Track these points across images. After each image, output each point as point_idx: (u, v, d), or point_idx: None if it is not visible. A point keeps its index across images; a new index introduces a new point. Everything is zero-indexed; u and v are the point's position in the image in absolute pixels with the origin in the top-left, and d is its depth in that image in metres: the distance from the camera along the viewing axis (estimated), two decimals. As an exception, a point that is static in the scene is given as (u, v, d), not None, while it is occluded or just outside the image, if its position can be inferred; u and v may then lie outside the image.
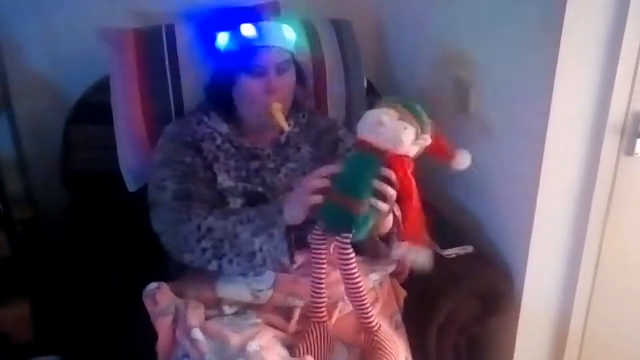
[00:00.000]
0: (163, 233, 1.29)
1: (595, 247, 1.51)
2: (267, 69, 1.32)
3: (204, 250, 1.23)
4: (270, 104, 1.31)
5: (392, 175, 1.08)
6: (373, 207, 1.08)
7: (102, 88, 1.60)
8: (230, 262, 1.23)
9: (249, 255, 1.21)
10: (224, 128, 1.39)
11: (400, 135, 1.07)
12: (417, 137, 1.10)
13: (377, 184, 1.07)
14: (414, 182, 1.10)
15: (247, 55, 1.32)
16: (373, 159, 1.07)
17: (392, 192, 1.08)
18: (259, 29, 1.32)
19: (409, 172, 1.09)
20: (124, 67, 1.56)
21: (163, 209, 1.30)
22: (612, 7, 1.29)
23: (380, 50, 2.03)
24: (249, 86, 1.33)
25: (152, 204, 1.33)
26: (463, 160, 1.18)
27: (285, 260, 1.22)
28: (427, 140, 1.10)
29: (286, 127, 1.33)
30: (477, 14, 1.56)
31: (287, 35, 1.35)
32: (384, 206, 1.09)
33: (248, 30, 1.32)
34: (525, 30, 1.38)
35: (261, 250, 1.20)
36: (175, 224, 1.26)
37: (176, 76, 1.56)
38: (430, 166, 1.83)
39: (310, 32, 1.69)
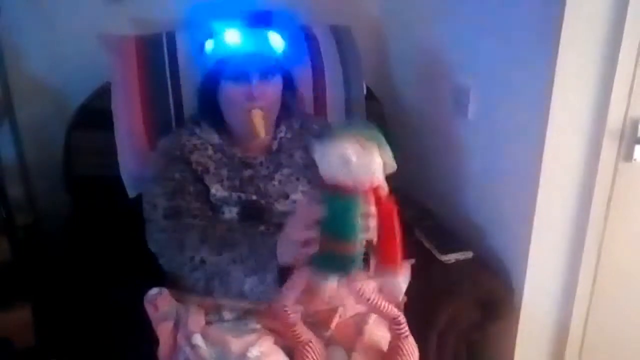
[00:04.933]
0: (158, 255, 1.29)
1: (594, 252, 1.51)
2: (249, 75, 1.32)
3: (197, 280, 1.24)
4: (251, 110, 1.32)
5: (373, 209, 1.08)
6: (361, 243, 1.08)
7: (104, 94, 1.60)
8: (223, 295, 1.25)
9: (239, 293, 1.21)
10: (215, 138, 1.39)
11: (371, 167, 1.04)
12: (385, 162, 1.06)
13: (363, 222, 1.06)
14: (390, 205, 1.10)
15: (229, 60, 1.33)
16: (354, 200, 1.05)
17: (374, 224, 1.08)
18: (242, 35, 1.33)
19: (385, 197, 1.09)
20: (125, 74, 1.57)
21: (155, 227, 1.30)
22: (609, 13, 1.29)
23: (380, 56, 2.04)
24: (231, 92, 1.34)
25: (146, 220, 1.33)
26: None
27: (281, 299, 1.21)
28: (389, 155, 1.07)
29: (262, 134, 1.33)
30: (476, 21, 1.57)
31: (273, 42, 1.36)
32: (368, 238, 1.08)
33: (231, 35, 1.33)
34: (524, 36, 1.39)
35: (252, 291, 1.20)
36: (168, 246, 1.27)
37: (176, 83, 1.57)
38: (431, 172, 1.84)
39: (309, 38, 1.70)
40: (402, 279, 1.18)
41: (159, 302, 1.28)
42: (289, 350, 1.22)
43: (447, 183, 1.78)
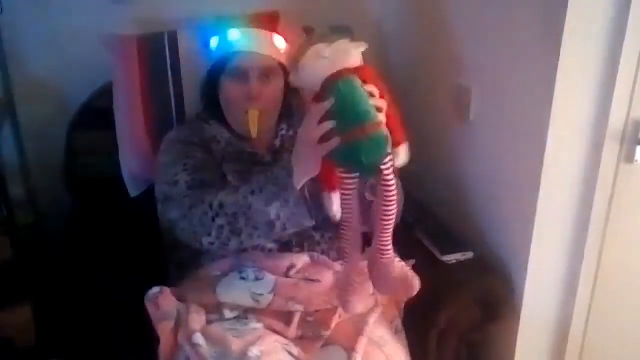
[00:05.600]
0: (178, 220, 1.26)
1: (595, 253, 1.51)
2: (248, 74, 1.33)
3: (221, 227, 1.21)
4: (248, 109, 1.33)
5: (374, 87, 1.06)
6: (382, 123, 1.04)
7: (105, 94, 1.61)
8: (250, 235, 1.21)
9: (266, 225, 1.19)
10: (225, 132, 1.40)
11: (346, 50, 1.05)
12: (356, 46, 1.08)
13: (372, 99, 1.04)
14: (380, 83, 1.09)
15: (231, 59, 1.34)
16: (353, 79, 1.03)
17: (384, 102, 1.06)
18: (243, 35, 1.34)
19: (372, 76, 1.08)
20: (127, 74, 1.57)
21: (177, 198, 1.27)
22: (611, 13, 1.29)
23: (381, 57, 2.04)
24: (230, 90, 1.36)
25: (163, 199, 1.31)
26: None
27: (308, 222, 1.19)
28: (363, 45, 1.08)
29: (255, 135, 1.34)
30: (478, 22, 1.57)
31: (274, 43, 1.37)
32: (383, 117, 1.05)
33: (233, 35, 1.34)
34: (526, 37, 1.39)
35: (278, 217, 1.18)
36: (190, 209, 1.24)
37: (178, 82, 1.57)
38: (432, 172, 1.84)
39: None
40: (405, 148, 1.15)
41: (160, 301, 1.28)
42: (289, 350, 1.22)
43: (448, 183, 1.78)
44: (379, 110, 1.04)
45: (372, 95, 1.04)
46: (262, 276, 1.30)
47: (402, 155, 1.14)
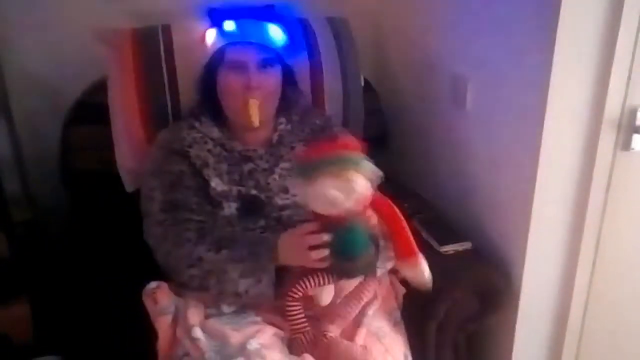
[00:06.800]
0: (154, 249, 1.31)
1: (592, 242, 1.51)
2: (247, 65, 1.33)
3: (192, 276, 1.26)
4: (248, 99, 1.32)
5: (374, 220, 1.17)
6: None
7: (100, 88, 1.60)
8: (217, 294, 1.26)
9: (233, 294, 1.24)
10: (215, 132, 1.39)
11: (357, 193, 1.08)
12: (368, 177, 1.11)
13: (371, 234, 1.15)
14: (389, 206, 1.18)
15: (229, 50, 1.34)
16: (355, 224, 1.12)
17: (381, 235, 1.17)
18: (241, 26, 1.33)
19: (382, 202, 1.17)
20: (121, 67, 1.56)
21: (152, 220, 1.32)
22: (607, 1, 1.29)
23: (377, 48, 2.03)
24: (229, 80, 1.35)
25: (143, 213, 1.35)
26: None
27: (270, 300, 1.24)
28: (377, 172, 1.12)
29: (257, 124, 1.34)
30: (473, 12, 1.56)
31: (272, 34, 1.36)
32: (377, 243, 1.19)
33: (230, 26, 1.34)
34: (522, 26, 1.38)
35: (246, 292, 1.22)
36: (164, 241, 1.28)
37: (172, 76, 1.56)
38: (429, 163, 1.84)
39: (306, 29, 1.69)
40: (425, 264, 1.22)
41: (158, 295, 1.29)
42: (288, 343, 1.22)
43: (445, 174, 1.78)
44: (376, 239, 1.18)
45: (371, 228, 1.16)
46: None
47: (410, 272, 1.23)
